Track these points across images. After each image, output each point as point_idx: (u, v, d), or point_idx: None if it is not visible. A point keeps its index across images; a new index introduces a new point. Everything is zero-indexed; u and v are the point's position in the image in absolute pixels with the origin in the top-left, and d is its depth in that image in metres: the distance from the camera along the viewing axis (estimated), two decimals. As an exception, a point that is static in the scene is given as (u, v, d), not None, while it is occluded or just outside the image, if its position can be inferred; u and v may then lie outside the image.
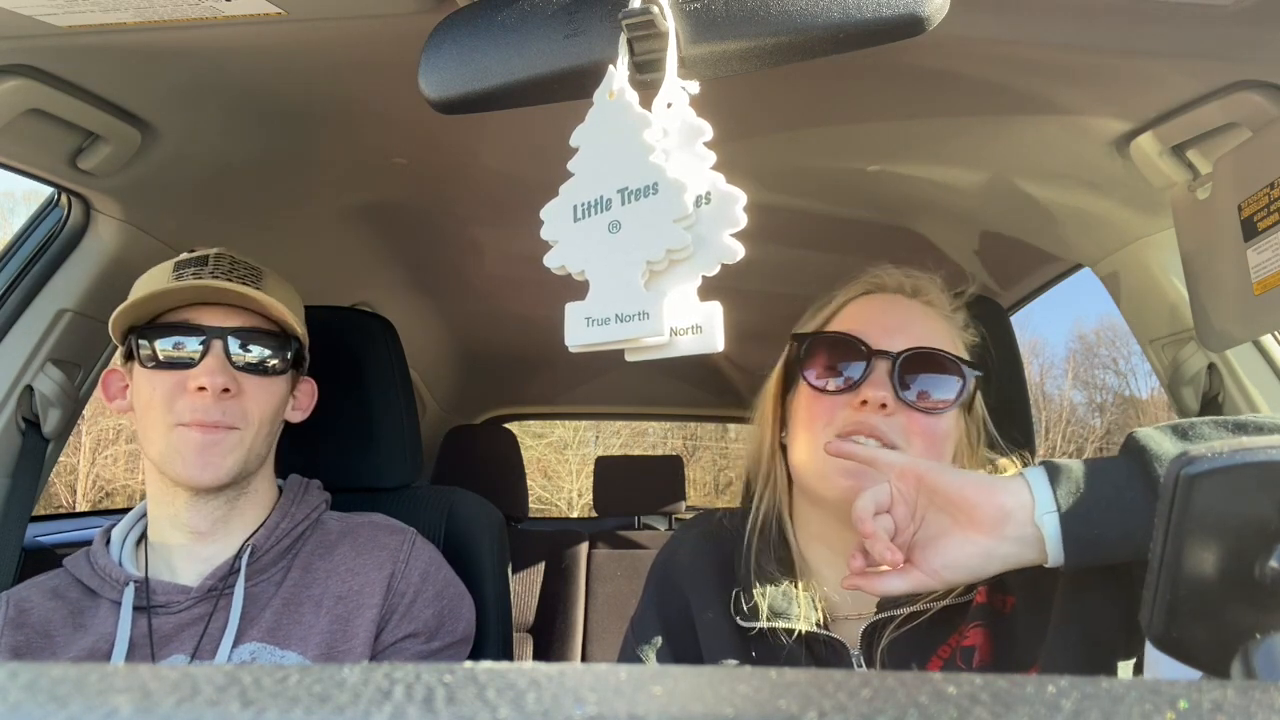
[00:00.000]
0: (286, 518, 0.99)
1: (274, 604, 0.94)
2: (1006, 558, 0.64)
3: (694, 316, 0.55)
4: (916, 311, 0.86)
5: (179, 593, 0.92)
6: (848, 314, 0.88)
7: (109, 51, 0.87)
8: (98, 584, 0.93)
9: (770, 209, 1.40)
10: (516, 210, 1.42)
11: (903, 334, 0.82)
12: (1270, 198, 0.88)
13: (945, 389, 0.81)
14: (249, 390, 0.94)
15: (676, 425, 10.27)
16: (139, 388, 0.92)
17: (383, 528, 1.03)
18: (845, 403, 0.81)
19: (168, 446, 0.90)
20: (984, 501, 0.64)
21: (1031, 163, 1.18)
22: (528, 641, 2.25)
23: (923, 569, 0.67)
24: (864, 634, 0.80)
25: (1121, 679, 0.21)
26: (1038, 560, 0.64)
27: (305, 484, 1.06)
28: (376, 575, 0.97)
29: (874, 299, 0.88)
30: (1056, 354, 10.50)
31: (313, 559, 0.98)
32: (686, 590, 0.90)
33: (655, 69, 0.59)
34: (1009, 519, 0.63)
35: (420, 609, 0.98)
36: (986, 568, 0.65)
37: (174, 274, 0.93)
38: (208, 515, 0.95)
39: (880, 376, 0.80)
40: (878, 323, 0.84)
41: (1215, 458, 0.46)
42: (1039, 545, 0.63)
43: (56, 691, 0.19)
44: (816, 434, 0.82)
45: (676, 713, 0.19)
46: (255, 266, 0.99)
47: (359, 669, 0.21)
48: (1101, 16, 0.80)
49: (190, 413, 0.90)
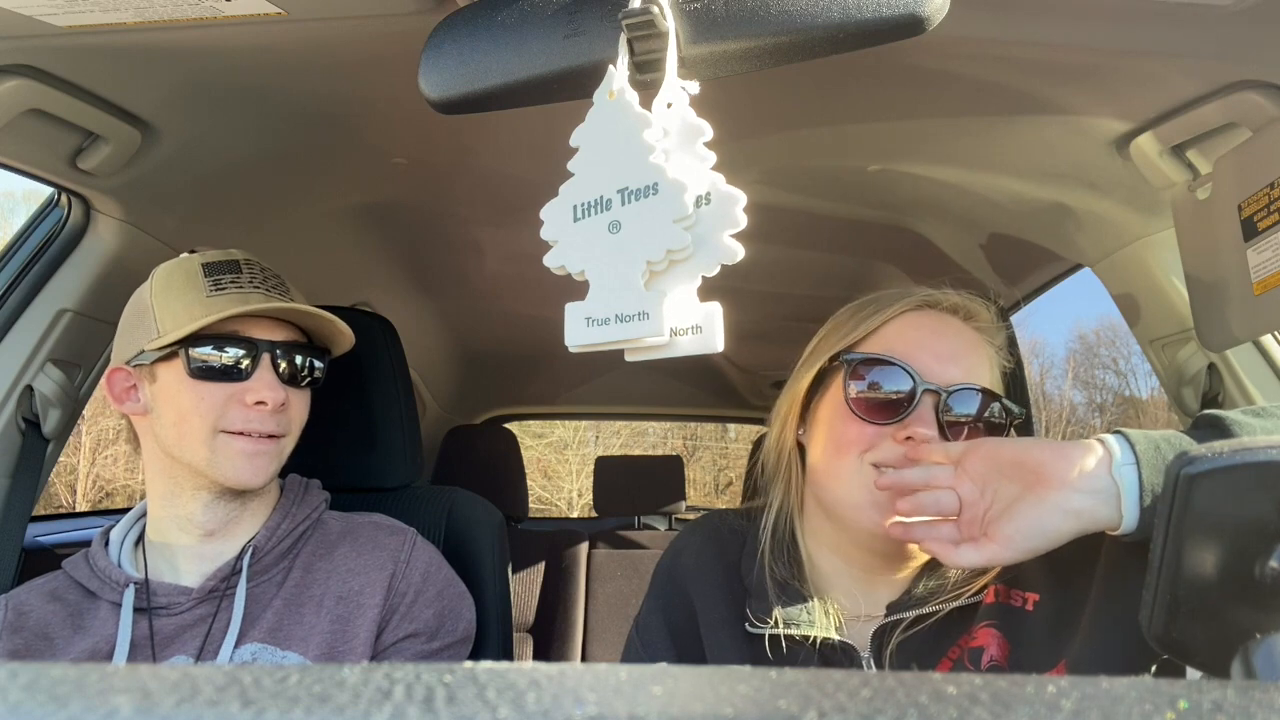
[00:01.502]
0: (288, 518, 0.99)
1: (275, 604, 0.94)
2: (1081, 513, 0.64)
3: (694, 317, 0.55)
4: (968, 339, 0.83)
5: (180, 594, 0.92)
6: (896, 330, 0.84)
7: (109, 51, 0.87)
8: (97, 585, 0.93)
9: (770, 209, 1.40)
10: (516, 210, 1.43)
11: (954, 364, 0.80)
12: (1270, 198, 0.88)
13: (989, 431, 0.80)
14: (293, 401, 0.97)
15: (676, 425, 10.28)
16: (177, 394, 0.92)
17: (383, 527, 1.03)
18: (888, 434, 0.79)
19: (213, 453, 0.91)
20: (1052, 458, 0.65)
21: (1031, 163, 1.18)
22: (528, 641, 2.25)
23: (995, 540, 0.67)
24: (873, 636, 0.80)
25: (1121, 679, 0.21)
26: (1113, 519, 0.63)
27: (305, 484, 1.06)
28: (377, 575, 0.97)
29: (926, 317, 0.84)
30: (1056, 354, 10.49)
31: (314, 559, 0.98)
32: (692, 593, 0.89)
33: (655, 69, 0.59)
34: (1082, 473, 0.64)
35: (421, 609, 0.98)
36: (1060, 527, 0.65)
37: (209, 282, 0.94)
38: (222, 515, 0.95)
39: (926, 412, 0.78)
40: (929, 348, 0.81)
41: (1215, 458, 0.46)
42: (1115, 500, 0.63)
43: (56, 691, 0.19)
44: (852, 460, 0.80)
45: (676, 713, 0.19)
46: (279, 275, 1.01)
47: (359, 669, 0.21)
48: (1101, 16, 0.80)
49: (244, 423, 0.92)
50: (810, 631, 0.80)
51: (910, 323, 0.84)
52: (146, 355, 0.92)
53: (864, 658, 0.80)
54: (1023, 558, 0.68)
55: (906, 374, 0.79)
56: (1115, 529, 0.64)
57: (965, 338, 0.83)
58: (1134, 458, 0.63)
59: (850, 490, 0.80)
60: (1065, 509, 0.64)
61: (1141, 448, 0.63)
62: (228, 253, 0.98)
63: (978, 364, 0.82)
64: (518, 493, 2.63)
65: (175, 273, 0.96)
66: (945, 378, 0.79)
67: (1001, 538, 0.66)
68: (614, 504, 2.86)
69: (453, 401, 2.84)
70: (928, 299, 0.85)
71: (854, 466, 0.79)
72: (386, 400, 1.21)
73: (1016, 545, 0.66)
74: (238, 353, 0.92)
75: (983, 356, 0.83)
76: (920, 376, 0.79)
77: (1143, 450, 0.63)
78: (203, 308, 0.91)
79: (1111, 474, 0.63)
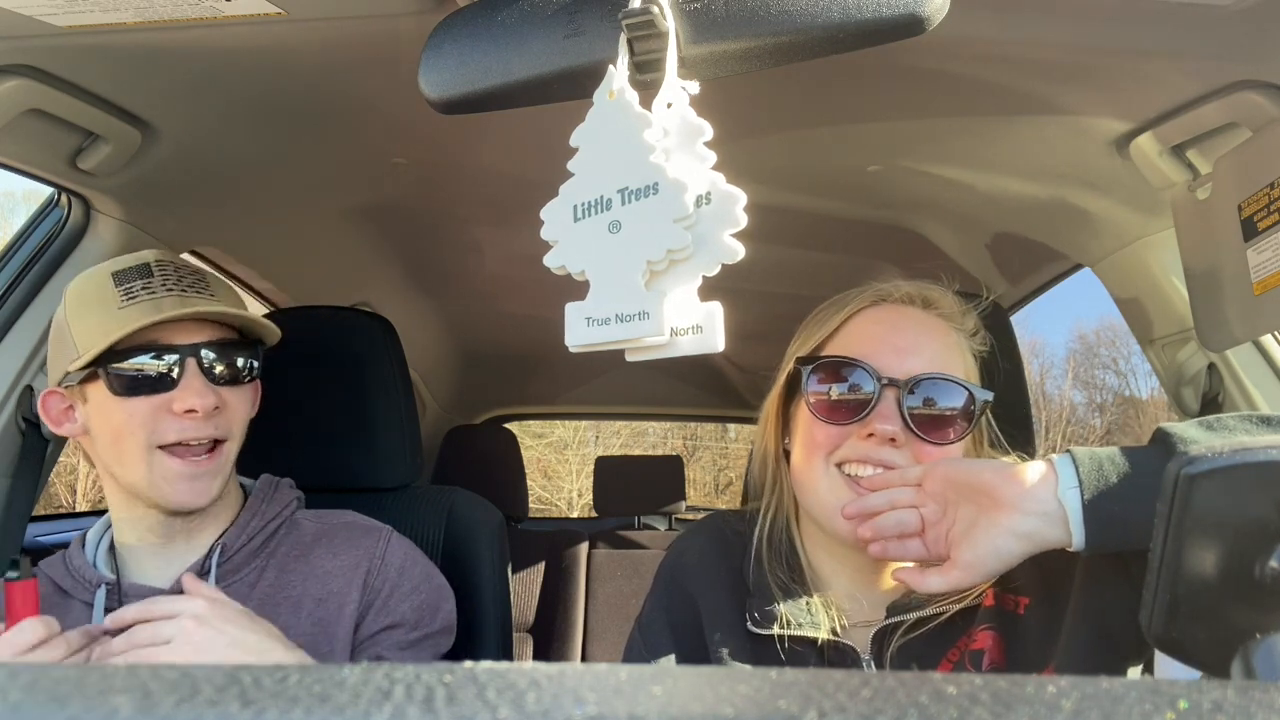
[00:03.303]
0: (257, 516, 0.98)
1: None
2: (1031, 535, 0.65)
3: (694, 316, 0.55)
4: (929, 327, 0.82)
5: (150, 594, 0.91)
6: (854, 329, 0.84)
7: (109, 51, 0.87)
8: (70, 585, 0.93)
9: (770, 209, 1.40)
10: (516, 210, 1.42)
11: (914, 355, 0.79)
12: (1270, 198, 0.88)
13: (956, 421, 0.79)
14: (230, 402, 0.93)
15: (676, 425, 10.27)
16: (108, 414, 0.89)
17: (357, 527, 1.02)
18: (852, 432, 0.79)
19: (150, 473, 0.89)
20: (1002, 482, 0.66)
21: (1031, 163, 1.18)
22: (528, 641, 2.25)
23: (958, 565, 0.68)
24: (874, 638, 0.80)
25: (1121, 679, 0.21)
26: (1063, 539, 0.64)
27: (276, 483, 1.05)
28: (353, 574, 0.96)
29: (883, 312, 0.84)
30: (1056, 354, 10.48)
31: (289, 560, 0.98)
32: (696, 595, 0.89)
33: (655, 69, 0.59)
34: (1030, 495, 0.65)
35: (398, 602, 0.98)
36: (1013, 549, 0.66)
37: (120, 292, 0.89)
38: (179, 526, 0.94)
39: (889, 408, 0.77)
40: (888, 341, 0.80)
41: (1215, 458, 0.46)
42: (1063, 522, 0.64)
43: (56, 691, 0.19)
44: (821, 462, 0.80)
45: (676, 713, 0.19)
46: (198, 270, 0.96)
47: (359, 669, 0.21)
48: (1101, 16, 0.80)
49: (179, 433, 0.88)
50: (813, 633, 0.80)
51: (868, 318, 0.84)
52: (71, 377, 0.89)
53: (864, 659, 0.80)
54: (985, 580, 0.70)
55: (864, 371, 0.79)
56: (1069, 547, 0.65)
57: (925, 326, 0.82)
58: (1077, 480, 0.64)
59: (822, 495, 0.80)
60: (1015, 531, 0.65)
61: (1085, 469, 0.64)
62: (139, 255, 0.94)
63: (941, 352, 0.81)
64: (518, 493, 2.63)
65: (86, 288, 0.91)
66: (905, 370, 0.78)
67: (962, 563, 0.68)
68: (614, 504, 2.86)
69: (453, 401, 2.84)
70: (879, 293, 0.85)
71: (823, 469, 0.80)
72: (386, 400, 1.21)
73: (976, 569, 0.68)
74: (158, 363, 0.88)
75: (948, 344, 0.82)
76: (878, 372, 0.78)
77: (1086, 472, 0.64)
78: (115, 321, 0.86)
79: (1057, 497, 0.64)
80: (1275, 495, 0.44)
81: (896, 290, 0.85)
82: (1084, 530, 0.63)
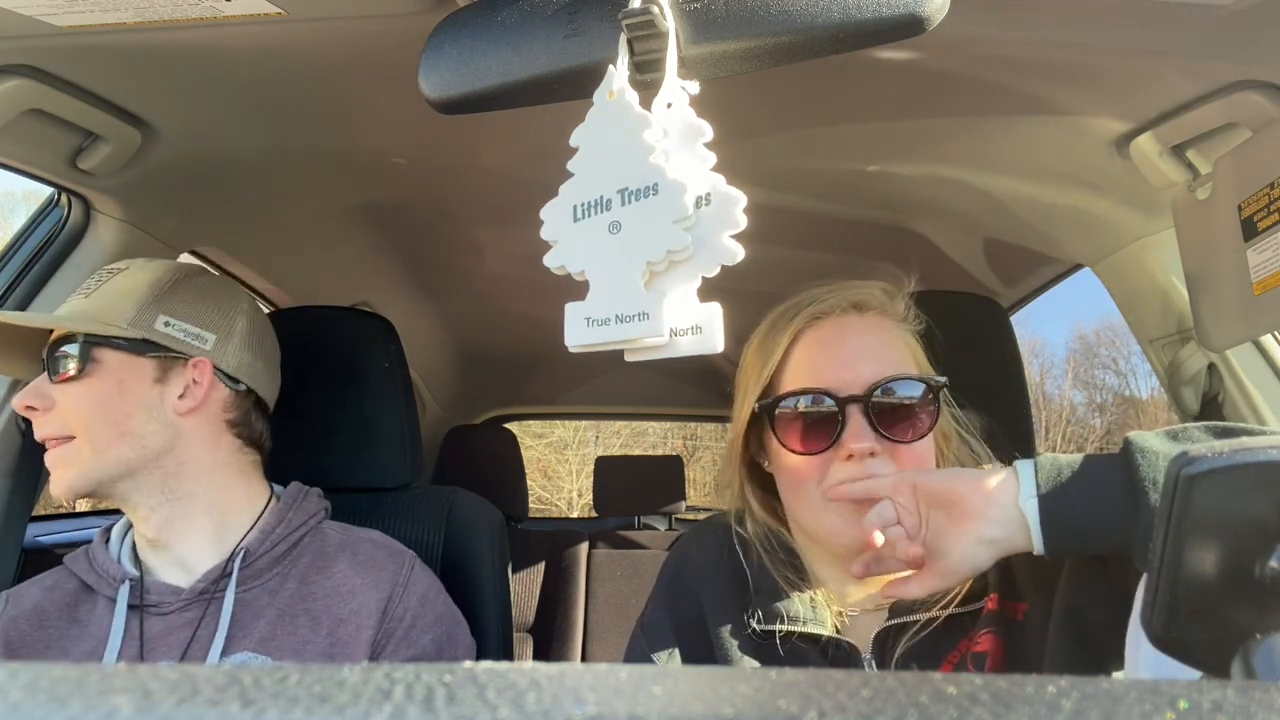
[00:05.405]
0: (283, 523, 0.98)
1: (268, 614, 0.92)
2: (997, 541, 0.67)
3: (694, 317, 0.55)
4: (869, 328, 0.83)
5: (170, 593, 0.92)
6: (800, 356, 0.83)
7: (109, 51, 0.87)
8: (95, 580, 0.93)
9: (770, 209, 1.40)
10: (516, 210, 1.42)
11: (864, 362, 0.80)
12: (1270, 198, 0.88)
13: (922, 414, 0.80)
14: (63, 400, 0.91)
15: (676, 425, 10.26)
16: None
17: (382, 547, 1.01)
18: (831, 458, 0.80)
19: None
20: (970, 490, 0.68)
21: (1031, 163, 1.18)
22: (528, 641, 2.25)
23: (932, 571, 0.70)
24: (876, 639, 0.81)
25: (1122, 679, 0.21)
26: (1027, 544, 0.66)
27: (305, 491, 1.04)
28: (373, 596, 0.95)
29: (823, 330, 0.83)
30: (1056, 354, 10.47)
31: (310, 572, 0.97)
32: (700, 595, 0.90)
33: (655, 69, 0.59)
34: (994, 502, 0.67)
35: (419, 634, 0.97)
36: (980, 555, 0.68)
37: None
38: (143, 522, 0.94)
39: (858, 424, 0.78)
40: (835, 358, 0.81)
41: (1215, 458, 0.46)
42: (1026, 530, 0.65)
43: (56, 691, 0.19)
44: (810, 493, 0.81)
45: (676, 713, 0.19)
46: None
47: (359, 669, 0.20)
48: (1101, 16, 0.80)
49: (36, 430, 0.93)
50: (816, 629, 0.81)
51: (810, 341, 0.84)
52: None
53: (866, 659, 0.81)
54: (959, 584, 0.75)
55: (823, 396, 0.79)
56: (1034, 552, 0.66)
57: (865, 331, 0.83)
58: (1035, 489, 0.65)
59: (821, 519, 0.81)
60: (983, 538, 0.67)
61: (1044, 477, 0.65)
62: None
63: (886, 349, 0.82)
64: (518, 493, 2.63)
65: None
66: (860, 381, 0.79)
67: (937, 570, 0.70)
68: (614, 504, 2.86)
69: (453, 401, 2.84)
70: (812, 312, 0.84)
71: (816, 495, 0.81)
72: (386, 400, 1.21)
73: (951, 575, 0.69)
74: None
75: (889, 340, 0.83)
76: (836, 392, 0.79)
77: (1044, 479, 0.65)
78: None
79: (1018, 504, 0.66)
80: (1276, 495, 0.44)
81: (828, 305, 0.84)
82: (1043, 536, 0.65)
